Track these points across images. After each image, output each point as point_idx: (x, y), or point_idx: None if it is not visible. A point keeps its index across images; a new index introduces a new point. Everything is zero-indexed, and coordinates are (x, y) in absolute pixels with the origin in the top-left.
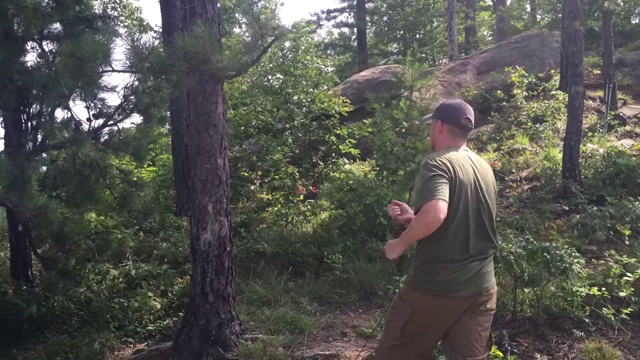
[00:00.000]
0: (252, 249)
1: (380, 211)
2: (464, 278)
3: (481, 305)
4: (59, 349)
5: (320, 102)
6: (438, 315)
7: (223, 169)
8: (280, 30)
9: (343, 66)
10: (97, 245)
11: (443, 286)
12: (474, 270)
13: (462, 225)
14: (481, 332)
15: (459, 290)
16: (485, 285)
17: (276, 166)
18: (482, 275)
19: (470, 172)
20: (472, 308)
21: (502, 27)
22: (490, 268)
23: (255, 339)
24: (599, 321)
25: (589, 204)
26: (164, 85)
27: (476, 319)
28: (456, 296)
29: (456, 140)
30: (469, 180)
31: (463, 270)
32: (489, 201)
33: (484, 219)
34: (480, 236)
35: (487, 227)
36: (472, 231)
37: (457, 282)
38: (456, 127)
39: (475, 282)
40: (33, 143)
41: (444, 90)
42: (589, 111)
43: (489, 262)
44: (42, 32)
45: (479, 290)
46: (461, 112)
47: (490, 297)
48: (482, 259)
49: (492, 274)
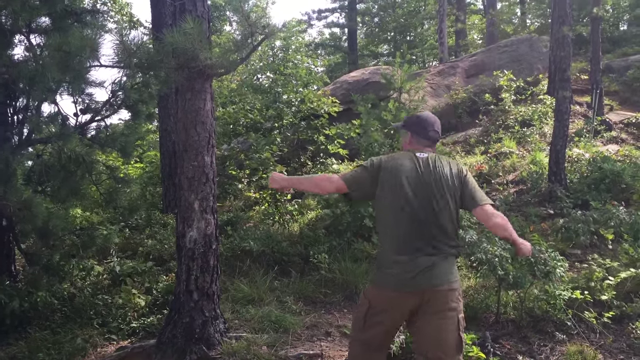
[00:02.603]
0: (238, 247)
1: (366, 212)
2: (411, 273)
3: (435, 304)
4: (41, 344)
5: (309, 102)
6: (391, 308)
7: (210, 167)
8: (270, 28)
9: (333, 66)
10: (82, 241)
11: (392, 279)
12: (422, 265)
13: (404, 221)
14: (442, 335)
15: (405, 284)
16: (435, 282)
17: (264, 165)
18: (432, 272)
19: (413, 170)
20: (426, 306)
21: (492, 31)
22: (446, 265)
23: (240, 337)
24: (581, 324)
25: (573, 208)
26: (152, 82)
27: (437, 322)
28: (404, 290)
29: (419, 147)
30: (405, 177)
31: (411, 265)
32: (442, 199)
33: (435, 216)
34: (429, 233)
35: (438, 224)
36: (416, 227)
37: (404, 277)
38: (424, 139)
39: (423, 277)
40: (19, 137)
41: (433, 93)
42: (576, 116)
43: (442, 259)
44: (30, 25)
45: (427, 286)
46: (430, 126)
47: (445, 296)
48: (431, 255)
49: (447, 271)
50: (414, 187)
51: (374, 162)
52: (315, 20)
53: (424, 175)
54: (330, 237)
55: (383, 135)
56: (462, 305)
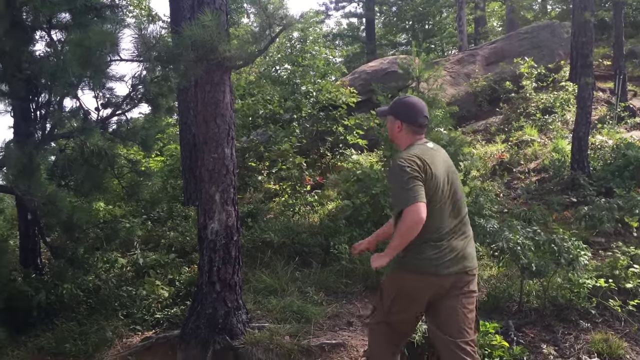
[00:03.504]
0: (259, 239)
1: (386, 202)
2: (448, 257)
3: (464, 286)
4: (68, 335)
5: (327, 93)
6: (421, 292)
7: (230, 159)
8: (288, 20)
9: (351, 57)
10: (106, 234)
11: (428, 263)
12: (459, 248)
13: (442, 210)
14: (467, 314)
15: (443, 268)
16: (468, 265)
17: (283, 156)
18: (465, 255)
19: (439, 161)
20: (455, 289)
21: (512, 18)
22: (472, 248)
23: (262, 327)
24: (605, 313)
25: (597, 196)
26: (171, 75)
27: (461, 301)
28: (440, 273)
29: (416, 136)
30: (439, 170)
31: (447, 249)
32: (457, 182)
33: (457, 200)
34: (457, 216)
35: (460, 206)
36: (449, 213)
37: (441, 261)
38: (414, 125)
39: (459, 261)
40: (42, 132)
41: (452, 81)
42: (599, 102)
43: (470, 241)
44: (51, 21)
45: (462, 269)
46: (419, 112)
47: (473, 278)
48: (463, 238)
49: (474, 255)
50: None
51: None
52: (332, 11)
53: (444, 163)
54: (350, 228)
55: None
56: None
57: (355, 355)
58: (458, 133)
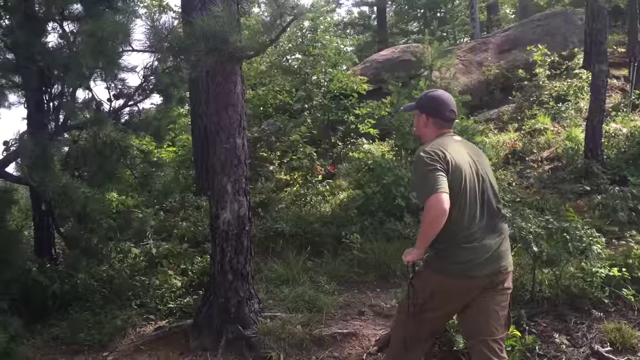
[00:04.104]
0: (270, 229)
1: (397, 192)
2: (482, 257)
3: (499, 284)
4: (82, 325)
5: (338, 82)
6: (457, 295)
7: (242, 149)
8: (299, 9)
9: (362, 46)
10: (119, 224)
11: (463, 267)
12: (492, 248)
13: (471, 205)
14: (499, 312)
15: (478, 269)
16: (503, 264)
17: (294, 146)
18: (500, 254)
19: (464, 153)
20: (490, 287)
21: (525, 5)
22: (507, 247)
23: (274, 317)
24: (618, 302)
25: (611, 185)
26: (183, 66)
27: (494, 299)
28: (476, 275)
29: (442, 130)
30: (465, 162)
31: (481, 250)
32: (488, 177)
33: (489, 196)
34: (490, 213)
35: (493, 203)
36: (479, 209)
37: (476, 262)
38: (441, 119)
39: (494, 260)
40: (55, 123)
41: (465, 69)
42: (613, 90)
43: (504, 239)
44: (63, 12)
45: (497, 268)
46: (446, 106)
47: (508, 276)
48: (496, 236)
49: (509, 252)
50: (471, 170)
51: (440, 158)
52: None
53: (472, 157)
54: (362, 217)
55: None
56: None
57: (367, 344)
58: (470, 122)
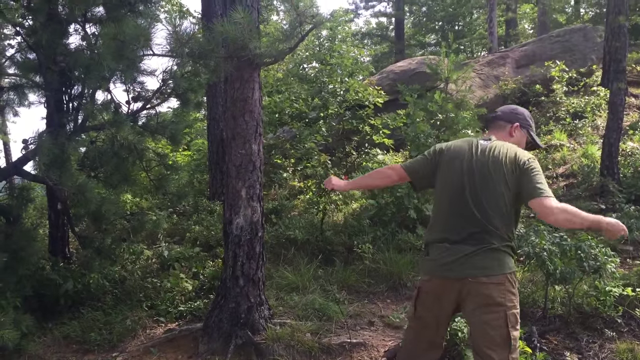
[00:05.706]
0: (282, 236)
1: (410, 204)
2: (449, 259)
3: (477, 297)
4: (93, 324)
5: (354, 92)
6: (434, 297)
7: (257, 155)
8: (318, 18)
9: (379, 56)
10: (132, 226)
11: (431, 264)
12: (462, 253)
13: (450, 207)
14: (489, 331)
15: (443, 270)
16: (471, 272)
17: (309, 154)
18: (470, 261)
19: (468, 155)
20: (471, 299)
21: (544, 21)
22: (488, 257)
23: (284, 323)
24: (631, 322)
25: (626, 203)
26: (202, 71)
27: (481, 317)
28: (442, 276)
29: (488, 132)
30: (459, 157)
31: (450, 251)
32: (494, 190)
33: (482, 206)
34: (474, 222)
35: (486, 214)
36: (461, 215)
37: (442, 262)
38: (491, 120)
39: (463, 265)
40: (74, 123)
41: (482, 83)
42: (631, 108)
43: (485, 250)
44: (86, 14)
45: (464, 274)
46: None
47: (488, 289)
48: (474, 244)
49: (489, 263)
50: (465, 173)
51: (435, 148)
52: (362, 10)
53: (476, 161)
54: (374, 228)
55: (430, 125)
56: (517, 302)
57: (376, 355)
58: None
